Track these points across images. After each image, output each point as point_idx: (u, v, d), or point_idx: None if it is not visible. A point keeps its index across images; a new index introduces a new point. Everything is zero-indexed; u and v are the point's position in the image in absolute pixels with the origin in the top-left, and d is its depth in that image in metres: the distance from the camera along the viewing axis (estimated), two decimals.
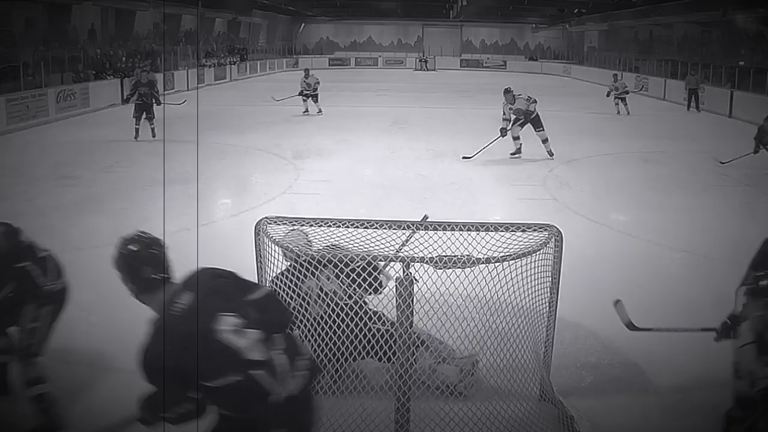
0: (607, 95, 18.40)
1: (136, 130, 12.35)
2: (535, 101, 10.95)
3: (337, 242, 3.50)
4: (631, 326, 3.57)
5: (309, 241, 3.59)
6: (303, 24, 45.40)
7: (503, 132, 10.84)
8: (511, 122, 10.87)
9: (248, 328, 2.24)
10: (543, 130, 10.95)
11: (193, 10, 31.72)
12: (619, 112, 17.72)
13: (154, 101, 12.57)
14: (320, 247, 3.53)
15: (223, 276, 2.50)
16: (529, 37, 45.93)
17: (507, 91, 11.04)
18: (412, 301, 3.04)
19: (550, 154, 10.87)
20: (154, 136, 12.41)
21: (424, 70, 38.85)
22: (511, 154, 10.98)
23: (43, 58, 17.30)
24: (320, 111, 16.59)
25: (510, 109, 10.87)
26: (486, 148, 10.66)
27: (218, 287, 2.40)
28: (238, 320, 2.24)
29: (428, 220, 3.79)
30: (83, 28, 24.05)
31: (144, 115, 12.44)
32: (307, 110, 16.61)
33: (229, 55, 31.16)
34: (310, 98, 16.65)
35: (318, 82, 16.71)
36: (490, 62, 41.70)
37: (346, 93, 23.88)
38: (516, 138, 10.94)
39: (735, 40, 25.54)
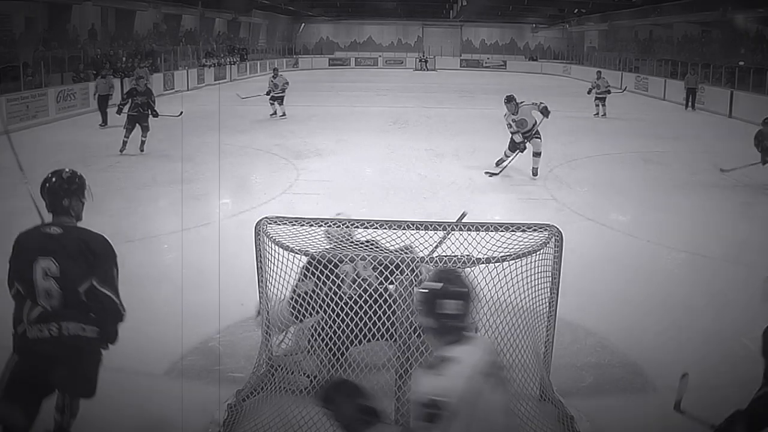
0: (588, 92, 17.70)
1: (124, 143, 10.98)
2: (541, 104, 9.35)
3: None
4: (677, 406, 3.49)
5: (351, 234, 3.76)
6: (303, 24, 45.40)
7: (522, 147, 9.46)
8: (520, 133, 9.45)
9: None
10: (539, 138, 9.48)
11: (193, 10, 31.75)
12: (597, 114, 17.03)
13: (150, 112, 11.29)
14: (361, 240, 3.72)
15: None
16: (529, 37, 45.94)
17: (509, 100, 9.49)
18: (413, 301, 3.04)
19: (534, 173, 9.44)
20: (142, 151, 11.06)
21: (424, 70, 38.84)
22: (494, 168, 9.67)
23: (43, 58, 17.30)
24: (284, 114, 15.61)
25: (514, 121, 9.42)
26: (509, 164, 9.59)
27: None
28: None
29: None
30: (83, 28, 24.05)
31: (134, 127, 11.13)
32: (275, 113, 15.73)
33: (229, 55, 31.16)
34: (277, 100, 15.68)
35: (287, 84, 15.74)
36: (490, 62, 41.71)
37: (346, 93, 23.89)
38: (539, 154, 9.45)
39: (735, 40, 25.54)
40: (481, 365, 2.08)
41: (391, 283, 3.17)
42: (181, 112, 11.81)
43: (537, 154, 9.42)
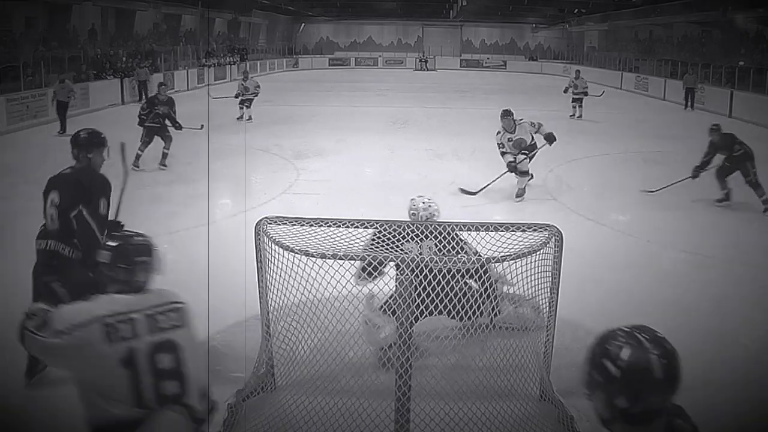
0: (565, 92, 16.91)
1: (138, 156, 9.76)
2: (541, 126, 8.36)
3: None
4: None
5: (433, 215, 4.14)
6: (303, 24, 45.40)
7: (511, 165, 8.32)
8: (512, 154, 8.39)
9: None
10: (529, 160, 8.38)
11: (193, 10, 31.76)
12: (573, 115, 16.42)
13: (173, 125, 10.22)
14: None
15: None
16: (529, 37, 45.93)
17: (506, 114, 8.31)
18: (413, 301, 3.05)
19: (519, 194, 8.37)
20: (165, 166, 10.00)
21: (424, 70, 38.84)
22: (517, 196, 8.37)
23: (43, 58, 17.31)
24: (251, 118, 14.82)
25: (509, 140, 8.26)
26: (491, 185, 8.58)
27: None
28: None
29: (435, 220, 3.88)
30: (83, 28, 24.05)
31: (152, 140, 10.12)
32: (241, 117, 14.97)
33: (229, 55, 31.17)
34: (245, 103, 14.95)
35: (258, 87, 15.15)
36: (490, 62, 41.71)
37: (346, 93, 23.89)
38: (525, 173, 8.34)
39: (735, 40, 25.53)
40: None
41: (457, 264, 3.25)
42: (202, 125, 10.76)
43: (524, 173, 8.34)
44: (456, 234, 3.57)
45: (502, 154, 8.42)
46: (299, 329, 3.64)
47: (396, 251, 3.35)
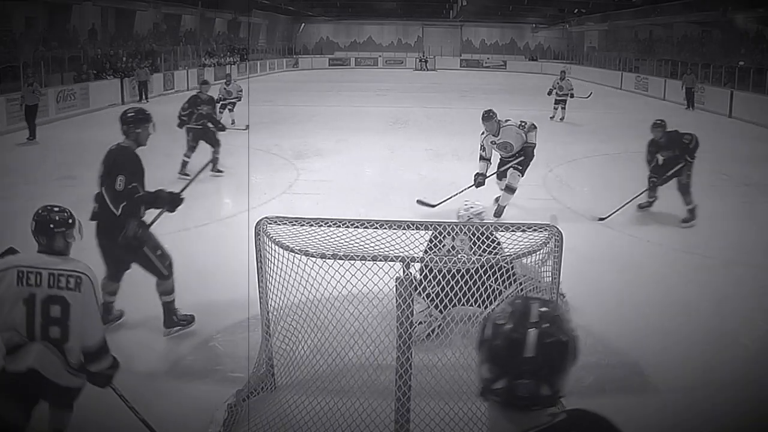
0: (549, 93, 16.08)
1: (185, 163, 9.00)
2: (534, 128, 7.36)
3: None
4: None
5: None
6: (303, 24, 45.40)
7: (478, 179, 7.30)
8: (495, 164, 7.52)
9: None
10: (520, 171, 7.31)
11: (193, 10, 31.77)
12: (553, 117, 15.65)
13: (213, 125, 9.42)
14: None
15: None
16: (529, 37, 45.94)
17: (488, 117, 7.25)
18: (413, 301, 3.05)
19: (498, 213, 7.34)
20: (221, 172, 9.22)
21: (424, 70, 38.85)
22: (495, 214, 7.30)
23: (43, 58, 17.31)
24: (233, 122, 13.27)
25: (493, 143, 7.32)
26: (452, 198, 7.34)
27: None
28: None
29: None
30: (83, 28, 24.06)
31: (197, 144, 9.29)
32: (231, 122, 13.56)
33: (230, 55, 31.17)
34: (228, 107, 13.84)
35: (240, 92, 14.11)
36: (490, 62, 41.72)
37: (346, 93, 23.89)
38: (512, 189, 7.36)
39: (735, 40, 25.54)
40: None
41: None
42: (248, 126, 9.92)
43: (511, 190, 7.35)
44: (490, 233, 3.64)
45: (481, 158, 7.38)
46: (299, 329, 3.64)
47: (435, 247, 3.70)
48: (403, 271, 3.03)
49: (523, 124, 7.32)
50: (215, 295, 5.07)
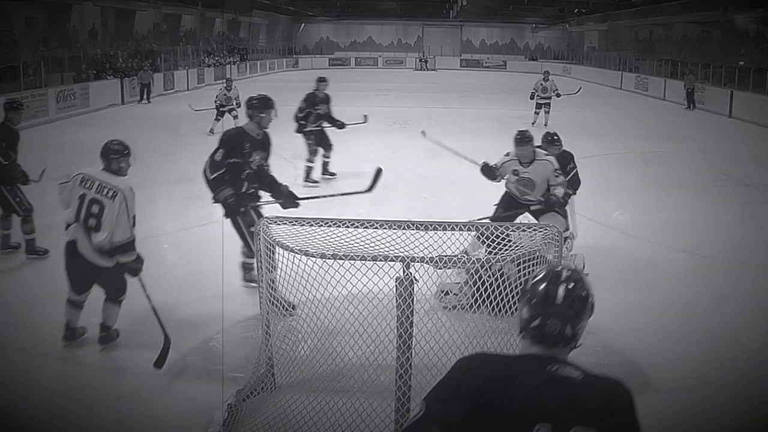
0: (531, 98, 14.87)
1: (311, 169, 8.69)
2: (562, 179, 5.45)
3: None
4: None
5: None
6: (303, 24, 45.42)
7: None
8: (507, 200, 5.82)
9: None
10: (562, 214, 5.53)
11: (193, 10, 31.77)
12: (534, 123, 13.93)
13: (330, 123, 8.93)
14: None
15: None
16: (529, 37, 45.96)
17: (526, 140, 5.41)
18: (413, 301, 3.05)
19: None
20: (333, 174, 8.97)
21: (424, 70, 38.85)
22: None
23: (43, 58, 17.31)
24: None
25: (515, 174, 5.54)
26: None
27: None
28: None
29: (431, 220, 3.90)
30: (83, 28, 24.07)
31: (318, 149, 8.81)
32: (212, 130, 12.75)
33: (229, 55, 31.17)
34: (229, 113, 13.06)
35: (238, 98, 13.08)
36: (490, 62, 41.73)
37: (346, 93, 23.87)
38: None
39: (735, 40, 25.54)
40: None
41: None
42: (366, 116, 9.45)
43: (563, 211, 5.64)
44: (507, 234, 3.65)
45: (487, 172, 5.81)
46: (299, 329, 3.64)
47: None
48: (403, 271, 3.03)
49: (557, 169, 5.41)
50: (215, 295, 5.07)
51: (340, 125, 8.89)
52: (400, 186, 9.04)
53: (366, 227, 3.59)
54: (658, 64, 26.27)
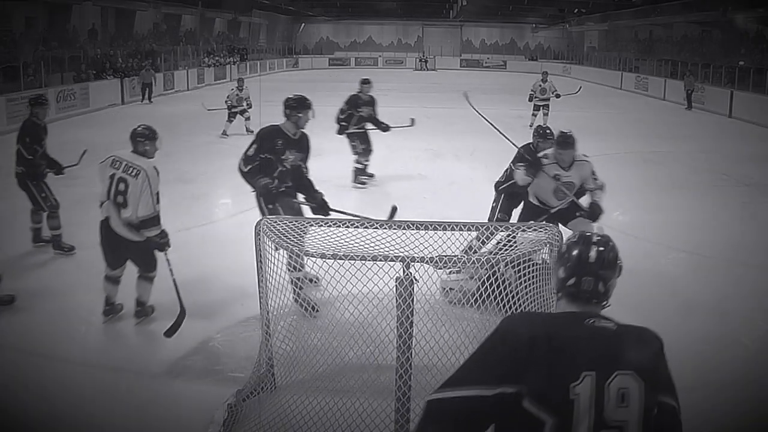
0: (530, 100, 14.58)
1: (359, 170, 8.61)
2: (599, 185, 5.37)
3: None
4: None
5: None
6: (303, 24, 45.42)
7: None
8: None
9: None
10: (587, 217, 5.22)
11: (193, 10, 31.77)
12: (532, 125, 12.86)
13: (375, 126, 8.72)
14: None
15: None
16: (529, 37, 45.96)
17: (569, 143, 5.10)
18: (413, 301, 3.04)
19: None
20: (371, 175, 8.80)
21: (424, 70, 38.84)
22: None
23: (43, 58, 17.31)
24: (250, 131, 12.32)
25: (557, 178, 5.11)
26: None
27: None
28: None
29: (429, 220, 3.87)
30: (83, 28, 24.07)
31: (358, 150, 8.71)
32: (225, 132, 12.79)
33: (229, 55, 31.17)
34: (241, 114, 13.07)
35: (249, 98, 13.24)
36: (490, 62, 41.74)
37: (346, 93, 23.86)
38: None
39: (735, 40, 25.54)
40: None
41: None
42: (413, 120, 9.30)
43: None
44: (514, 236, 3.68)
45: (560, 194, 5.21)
46: (299, 329, 3.64)
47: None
48: (403, 271, 3.03)
49: (595, 174, 5.27)
50: (215, 295, 5.08)
51: (385, 128, 8.72)
52: (400, 186, 9.05)
53: (366, 227, 3.60)
54: (658, 64, 26.27)
